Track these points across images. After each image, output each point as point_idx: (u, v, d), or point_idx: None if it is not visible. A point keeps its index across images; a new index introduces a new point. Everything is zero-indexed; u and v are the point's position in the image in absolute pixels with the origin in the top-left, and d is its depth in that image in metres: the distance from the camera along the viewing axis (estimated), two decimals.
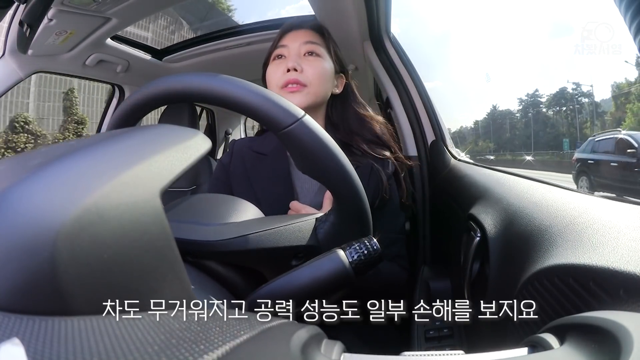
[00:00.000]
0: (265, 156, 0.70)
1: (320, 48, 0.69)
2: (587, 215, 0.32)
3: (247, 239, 0.32)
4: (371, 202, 0.65)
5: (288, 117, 0.31)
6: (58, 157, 0.15)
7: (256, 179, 0.67)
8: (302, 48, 0.69)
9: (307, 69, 0.67)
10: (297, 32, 0.70)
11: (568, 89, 12.82)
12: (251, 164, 0.69)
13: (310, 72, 0.66)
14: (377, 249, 0.31)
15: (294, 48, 0.68)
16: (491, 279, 0.40)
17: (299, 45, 0.69)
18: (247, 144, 0.72)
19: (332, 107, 0.73)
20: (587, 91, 13.40)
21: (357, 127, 0.72)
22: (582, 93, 13.47)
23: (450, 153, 0.92)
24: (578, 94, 13.26)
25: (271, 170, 0.68)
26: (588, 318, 0.20)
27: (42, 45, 1.05)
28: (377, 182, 0.67)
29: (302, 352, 0.15)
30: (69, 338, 0.11)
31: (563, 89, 13.01)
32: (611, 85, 12.24)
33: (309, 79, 0.66)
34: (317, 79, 0.67)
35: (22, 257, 0.12)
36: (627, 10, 0.24)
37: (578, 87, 12.60)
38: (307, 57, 0.68)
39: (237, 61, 1.39)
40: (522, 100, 13.76)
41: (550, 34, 19.29)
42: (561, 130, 12.25)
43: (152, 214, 0.15)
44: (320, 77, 0.67)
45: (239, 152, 0.71)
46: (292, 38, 0.70)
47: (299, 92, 0.66)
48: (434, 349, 0.56)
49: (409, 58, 1.02)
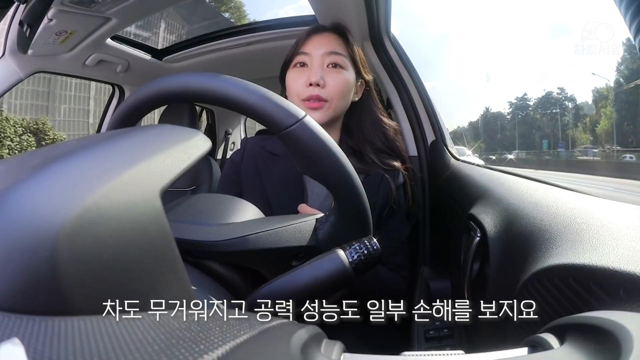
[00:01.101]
0: (278, 157, 0.68)
1: (343, 59, 0.67)
2: (587, 215, 0.32)
3: (248, 239, 0.32)
4: (379, 211, 0.65)
5: (289, 118, 0.31)
6: (58, 157, 0.15)
7: (268, 179, 0.67)
8: (326, 59, 0.66)
9: (329, 82, 0.65)
10: (321, 38, 0.67)
11: (554, 93, 13.90)
12: (263, 164, 0.68)
13: (332, 86, 0.64)
14: (377, 249, 0.31)
15: (317, 57, 0.66)
16: (491, 279, 0.40)
17: (322, 55, 0.66)
18: (259, 143, 0.71)
19: (349, 114, 0.71)
20: (571, 95, 14.35)
21: (371, 134, 0.70)
22: (567, 97, 14.45)
23: (450, 153, 0.92)
24: (563, 98, 14.22)
25: (283, 172, 0.67)
26: (588, 318, 0.20)
27: (42, 45, 1.05)
28: (387, 192, 0.66)
29: (302, 352, 0.15)
30: (69, 338, 0.11)
31: (549, 93, 14.19)
32: (592, 91, 13.52)
33: (331, 94, 0.64)
34: (339, 93, 0.65)
35: (22, 257, 0.12)
36: (627, 10, 0.24)
37: (563, 91, 13.80)
38: (330, 70, 0.66)
39: (237, 61, 1.39)
40: (511, 104, 14.88)
41: (548, 35, 19.82)
42: (546, 131, 13.09)
43: (153, 214, 0.15)
44: (342, 92, 0.66)
45: (251, 151, 0.71)
46: (315, 45, 0.66)
47: (319, 108, 0.64)
48: (434, 349, 0.56)
49: (409, 58, 1.02)
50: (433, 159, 0.97)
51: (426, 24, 32.90)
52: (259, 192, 0.66)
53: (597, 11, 52.18)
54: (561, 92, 13.15)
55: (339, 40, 0.68)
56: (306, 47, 0.67)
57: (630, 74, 13.99)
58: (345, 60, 0.67)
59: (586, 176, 8.96)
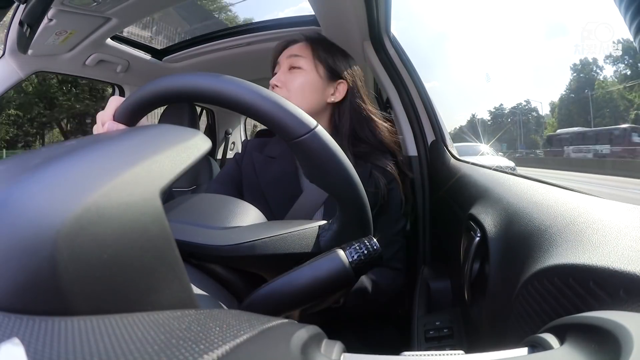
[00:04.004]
0: (274, 159, 0.74)
1: (302, 60, 0.72)
2: (587, 215, 0.32)
3: (253, 245, 0.32)
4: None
5: (301, 128, 0.31)
6: (58, 156, 0.15)
7: (264, 179, 0.72)
8: (286, 63, 0.72)
9: (289, 82, 0.71)
10: (290, 49, 0.74)
11: (522, 103, 19.15)
12: (260, 165, 0.73)
13: (290, 86, 0.70)
14: (377, 249, 0.31)
15: (282, 64, 0.73)
16: (491, 279, 0.40)
17: (285, 60, 0.73)
18: (258, 146, 0.77)
19: (336, 113, 0.75)
20: (534, 106, 18.80)
21: (360, 131, 0.74)
22: (531, 108, 18.69)
23: (450, 153, 0.92)
24: (528, 109, 18.27)
25: (279, 172, 0.72)
26: (588, 318, 0.20)
27: (42, 45, 1.05)
28: (375, 188, 0.69)
29: (302, 352, 0.15)
30: (69, 338, 0.11)
31: (520, 104, 19.26)
32: (549, 104, 18.93)
33: (289, 93, 0.70)
34: (298, 92, 0.70)
35: (22, 257, 0.12)
36: (627, 10, 0.24)
37: (528, 103, 18.68)
38: (292, 71, 0.72)
39: (236, 61, 1.39)
40: (490, 112, 20.37)
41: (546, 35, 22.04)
42: (513, 135, 17.29)
43: (153, 214, 0.15)
44: (301, 91, 0.71)
45: (250, 152, 0.76)
46: (284, 54, 0.74)
47: None
48: (434, 349, 0.56)
49: (409, 58, 1.02)
50: (433, 159, 0.97)
51: (426, 24, 33.00)
52: (256, 189, 0.71)
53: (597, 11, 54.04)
54: (527, 103, 19.42)
55: (303, 46, 0.74)
56: (279, 58, 0.75)
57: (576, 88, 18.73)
58: (306, 61, 0.72)
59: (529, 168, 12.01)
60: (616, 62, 19.50)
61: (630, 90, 18.14)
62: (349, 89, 0.75)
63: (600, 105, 17.95)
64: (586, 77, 18.96)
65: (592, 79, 18.96)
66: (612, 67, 19.52)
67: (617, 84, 18.38)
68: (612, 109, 17.96)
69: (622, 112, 17.99)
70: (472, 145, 2.72)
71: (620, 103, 18.02)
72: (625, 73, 19.05)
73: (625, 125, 14.78)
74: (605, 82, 18.91)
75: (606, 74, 19.52)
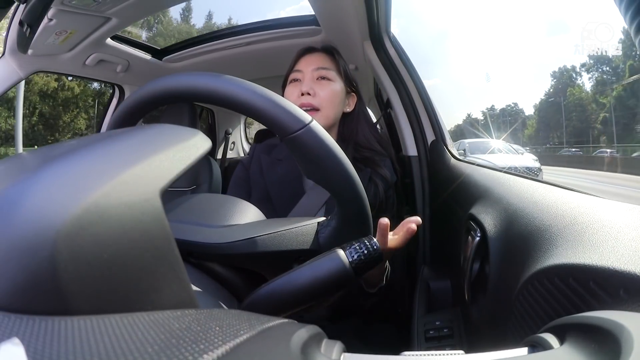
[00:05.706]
0: (280, 161, 0.77)
1: (331, 72, 0.76)
2: (587, 215, 0.32)
3: (251, 242, 0.32)
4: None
5: (295, 123, 0.31)
6: (58, 156, 0.15)
7: (269, 180, 0.75)
8: (315, 73, 0.75)
9: (319, 92, 0.73)
10: (311, 57, 0.77)
11: (511, 105, 20.33)
12: (267, 167, 0.77)
13: (322, 95, 0.73)
14: (377, 249, 0.31)
15: (308, 73, 0.75)
16: (491, 279, 0.40)
17: (312, 71, 0.75)
18: (265, 151, 0.80)
19: (343, 124, 0.79)
20: (520, 109, 20.72)
21: (363, 137, 0.78)
22: (517, 111, 20.31)
23: (450, 153, 0.92)
24: (515, 111, 19.78)
25: (284, 174, 0.75)
26: (588, 318, 0.20)
27: (42, 45, 1.05)
28: (375, 193, 0.72)
29: (302, 351, 0.15)
30: (69, 338, 0.11)
31: (508, 105, 20.16)
32: (533, 106, 18.87)
33: (321, 102, 0.73)
34: (329, 101, 0.73)
35: (22, 257, 0.12)
36: (627, 10, 0.24)
37: (515, 105, 18.24)
38: (320, 81, 0.74)
39: (236, 61, 1.40)
40: (483, 113, 21.73)
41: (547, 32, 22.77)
42: (499, 135, 18.96)
43: (153, 214, 0.15)
44: (332, 100, 0.74)
45: (258, 155, 0.80)
46: (306, 63, 0.76)
47: (312, 116, 0.69)
48: (434, 349, 0.56)
49: (409, 58, 1.02)
50: (433, 158, 0.97)
51: (426, 22, 33.02)
52: (262, 190, 0.74)
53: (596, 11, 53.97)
54: (515, 105, 21.42)
55: (326, 58, 0.77)
56: (299, 65, 0.77)
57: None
58: (333, 73, 0.76)
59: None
60: (590, 70, 21.12)
61: (602, 94, 19.65)
62: (357, 102, 0.80)
63: (570, 109, 20.01)
64: (562, 83, 20.50)
65: (566, 87, 20.50)
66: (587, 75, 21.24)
67: (588, 91, 20.32)
68: (579, 112, 19.84)
69: (590, 115, 19.47)
70: (483, 141, 2.73)
71: (590, 107, 19.64)
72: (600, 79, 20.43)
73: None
74: (579, 87, 20.49)
75: (582, 81, 21.23)
